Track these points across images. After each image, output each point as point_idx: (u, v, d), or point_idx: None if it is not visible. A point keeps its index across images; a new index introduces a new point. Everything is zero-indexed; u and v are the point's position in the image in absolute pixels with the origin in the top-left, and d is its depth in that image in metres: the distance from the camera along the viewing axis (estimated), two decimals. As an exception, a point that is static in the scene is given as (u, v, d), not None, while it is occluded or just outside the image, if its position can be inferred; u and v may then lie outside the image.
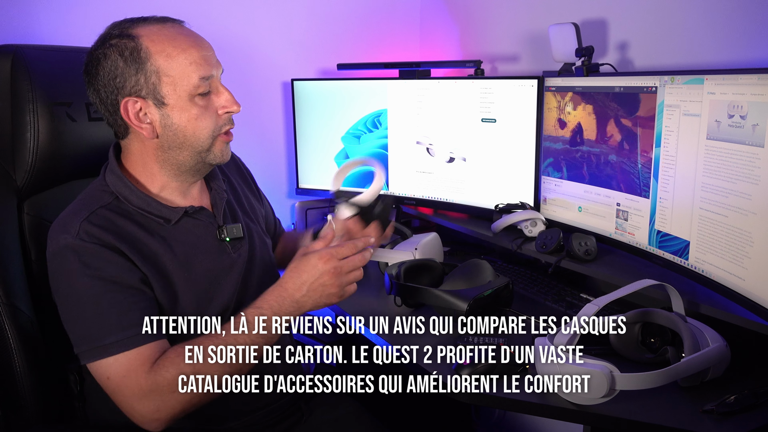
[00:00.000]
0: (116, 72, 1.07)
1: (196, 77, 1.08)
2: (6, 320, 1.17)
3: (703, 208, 1.23)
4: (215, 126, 1.12)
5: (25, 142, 1.23)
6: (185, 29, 1.11)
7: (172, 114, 1.09)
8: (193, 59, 1.08)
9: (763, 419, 1.02)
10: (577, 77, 1.56)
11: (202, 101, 1.10)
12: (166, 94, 1.08)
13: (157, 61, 1.06)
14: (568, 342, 1.08)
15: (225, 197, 1.24)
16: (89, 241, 1.05)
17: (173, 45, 1.07)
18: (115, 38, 1.07)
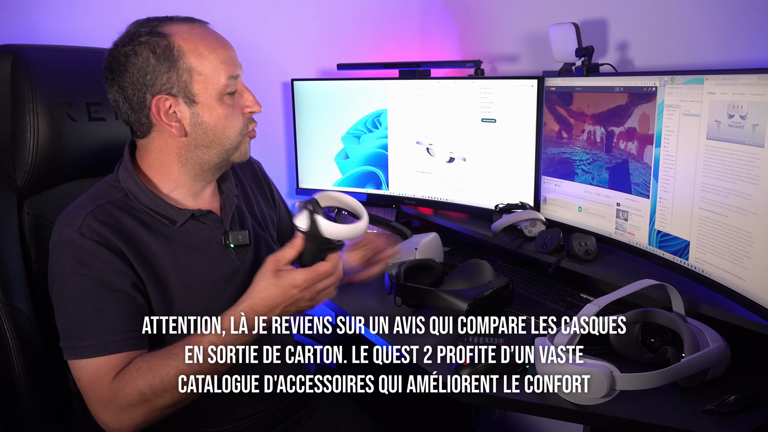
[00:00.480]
0: (147, 69, 1.06)
1: (225, 76, 1.09)
2: (5, 320, 1.17)
3: (703, 208, 1.23)
4: (243, 125, 1.13)
5: (25, 141, 1.23)
6: (211, 30, 1.13)
7: (203, 112, 1.09)
8: (223, 58, 1.09)
9: (763, 419, 1.02)
10: (577, 77, 1.56)
11: (230, 100, 1.11)
12: (197, 92, 1.08)
13: (189, 60, 1.07)
14: (568, 342, 1.08)
15: (235, 202, 1.23)
16: (89, 237, 1.05)
17: (204, 44, 1.08)
18: (145, 35, 1.07)
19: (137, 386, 1.00)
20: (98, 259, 1.04)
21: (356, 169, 2.07)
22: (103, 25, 1.75)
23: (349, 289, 1.68)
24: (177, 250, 1.13)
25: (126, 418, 1.01)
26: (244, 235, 1.20)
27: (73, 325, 1.04)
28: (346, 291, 1.67)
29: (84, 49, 1.41)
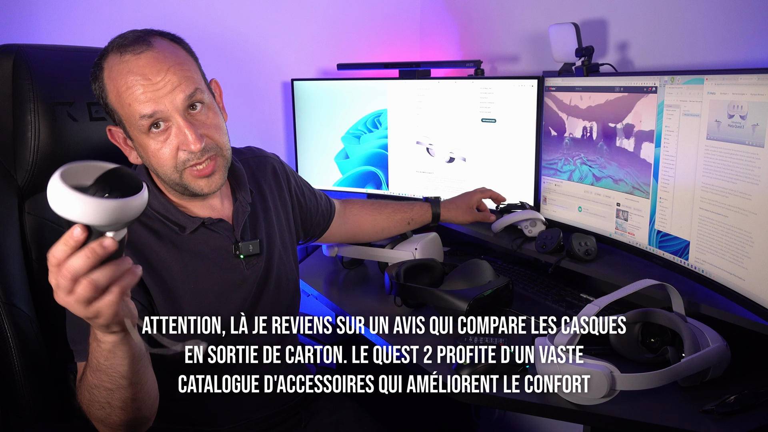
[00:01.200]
0: (99, 99, 1.10)
1: (137, 116, 1.04)
2: (5, 319, 1.18)
3: (703, 208, 1.23)
4: (175, 162, 1.07)
5: (26, 141, 1.23)
6: (141, 60, 1.03)
7: (138, 147, 1.09)
8: (134, 98, 1.03)
9: (763, 419, 1.02)
10: (577, 77, 1.56)
11: (161, 136, 1.06)
12: (128, 129, 1.08)
13: (112, 100, 1.07)
14: (568, 342, 1.08)
15: (248, 211, 1.22)
16: None
17: (120, 84, 1.04)
18: (94, 65, 1.09)
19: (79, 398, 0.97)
20: None
21: (356, 169, 2.07)
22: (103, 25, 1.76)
23: (349, 289, 1.68)
24: (186, 258, 1.13)
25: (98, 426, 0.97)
26: (255, 244, 1.20)
27: (73, 329, 1.05)
28: (346, 291, 1.68)
29: (85, 49, 1.41)
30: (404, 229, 1.64)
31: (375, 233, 1.62)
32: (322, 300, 1.61)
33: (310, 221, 1.46)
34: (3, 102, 1.23)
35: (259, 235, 1.24)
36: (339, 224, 1.56)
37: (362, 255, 1.71)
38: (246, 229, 1.22)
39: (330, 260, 1.86)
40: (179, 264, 1.12)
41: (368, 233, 1.62)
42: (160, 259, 1.10)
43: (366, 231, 1.61)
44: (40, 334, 1.24)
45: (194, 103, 1.07)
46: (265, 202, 1.30)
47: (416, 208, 1.64)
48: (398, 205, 1.65)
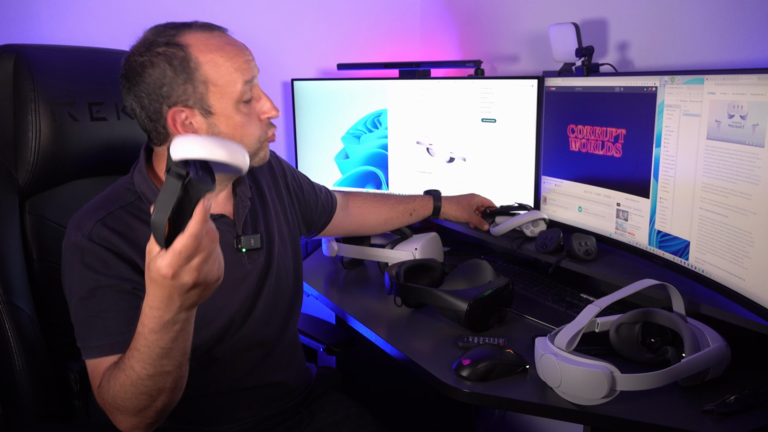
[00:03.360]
0: (164, 81, 1.05)
1: (241, 83, 1.08)
2: (6, 319, 1.18)
3: (703, 208, 1.23)
4: (261, 132, 1.13)
5: (27, 141, 1.23)
6: (229, 37, 1.12)
7: (219, 123, 1.09)
8: (237, 66, 1.08)
9: (763, 419, 1.02)
10: (577, 77, 1.57)
11: (246, 108, 1.10)
12: (213, 103, 1.07)
13: (205, 71, 1.06)
14: (569, 342, 1.08)
15: (248, 206, 1.22)
16: (98, 243, 1.05)
17: (221, 53, 1.07)
18: (163, 46, 1.06)
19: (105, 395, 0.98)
20: (105, 264, 1.04)
21: (356, 169, 2.07)
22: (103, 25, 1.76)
23: (349, 289, 1.68)
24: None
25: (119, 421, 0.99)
26: (256, 239, 1.20)
27: (81, 325, 1.05)
28: (346, 291, 1.68)
29: (86, 49, 1.41)
30: (407, 221, 1.65)
31: (379, 225, 1.63)
32: (322, 300, 1.61)
33: (310, 215, 1.46)
34: (4, 102, 1.23)
35: (259, 229, 1.24)
36: (342, 217, 1.56)
37: (362, 255, 1.71)
38: (247, 223, 1.22)
39: (330, 260, 1.86)
40: None
41: (372, 225, 1.63)
42: None
43: (370, 222, 1.62)
44: (41, 334, 1.24)
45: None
46: (263, 198, 1.30)
47: (418, 200, 1.66)
48: (400, 197, 1.68)
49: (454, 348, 1.27)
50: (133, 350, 0.92)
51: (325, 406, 1.34)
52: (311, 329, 1.60)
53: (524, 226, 1.66)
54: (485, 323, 1.34)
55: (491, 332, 1.34)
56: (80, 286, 1.04)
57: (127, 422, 0.99)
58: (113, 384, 0.96)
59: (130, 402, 0.95)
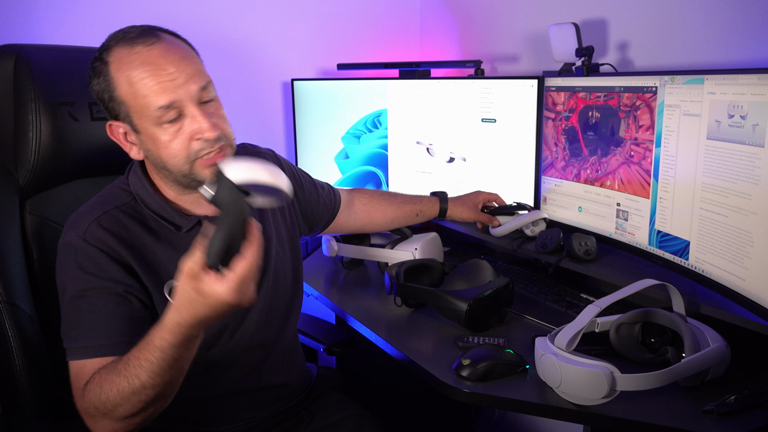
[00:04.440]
0: (99, 95, 1.07)
1: (154, 107, 1.02)
2: (6, 319, 1.18)
3: (703, 208, 1.23)
4: (188, 152, 1.06)
5: (27, 141, 1.23)
6: (154, 51, 1.04)
7: (146, 140, 1.07)
8: (149, 89, 1.02)
9: (763, 419, 1.02)
10: (577, 77, 1.56)
11: (173, 127, 1.04)
12: (136, 122, 1.06)
13: (122, 90, 1.04)
14: (569, 342, 1.08)
15: None
16: (92, 244, 1.05)
17: (134, 74, 1.03)
18: (96, 60, 1.07)
19: (91, 399, 0.96)
20: (97, 265, 1.04)
21: (356, 169, 2.07)
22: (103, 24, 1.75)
23: (349, 289, 1.68)
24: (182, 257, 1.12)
25: (95, 426, 0.98)
26: None
27: (68, 325, 1.05)
28: (346, 291, 1.68)
29: (87, 49, 1.40)
30: (413, 221, 1.64)
31: (385, 223, 1.62)
32: (322, 300, 1.61)
33: (311, 213, 1.44)
34: (4, 102, 1.23)
35: None
36: (347, 214, 1.55)
37: (362, 255, 1.71)
38: None
39: (330, 260, 1.86)
40: (176, 263, 1.10)
41: (378, 223, 1.61)
42: (157, 259, 1.10)
43: (376, 221, 1.60)
44: (41, 334, 1.24)
45: (205, 96, 1.07)
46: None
47: (425, 201, 1.64)
48: (407, 196, 1.66)
49: (454, 348, 1.27)
50: (141, 360, 0.91)
51: (325, 406, 1.34)
52: (311, 329, 1.60)
53: (525, 225, 1.66)
54: (485, 323, 1.34)
55: (491, 332, 1.34)
56: (71, 286, 1.04)
57: (108, 427, 0.97)
58: (108, 389, 0.94)
59: (123, 408, 0.94)
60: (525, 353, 1.20)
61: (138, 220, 1.11)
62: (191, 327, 0.89)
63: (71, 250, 1.05)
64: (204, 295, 0.85)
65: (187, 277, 0.86)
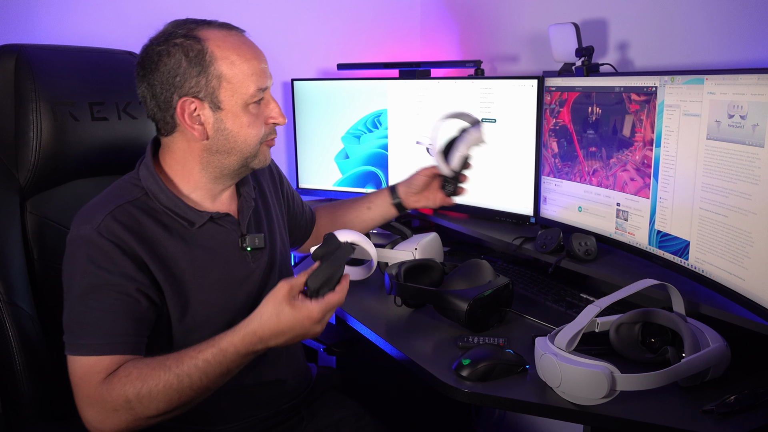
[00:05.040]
0: (178, 71, 1.07)
1: (254, 87, 1.10)
2: (7, 318, 1.18)
3: (703, 208, 1.23)
4: (263, 134, 1.15)
5: (27, 141, 1.24)
6: (247, 39, 1.15)
7: (226, 119, 1.10)
8: (253, 70, 1.10)
9: (763, 419, 1.02)
10: (577, 77, 1.57)
11: (255, 109, 1.12)
12: (223, 99, 1.09)
13: (220, 67, 1.08)
14: (569, 342, 1.08)
15: (252, 205, 1.24)
16: (106, 237, 1.05)
17: (237, 53, 1.09)
18: (181, 38, 1.08)
19: (124, 392, 0.99)
20: (110, 260, 1.05)
21: (356, 169, 2.07)
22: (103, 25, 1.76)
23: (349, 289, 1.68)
24: (194, 252, 1.13)
25: (109, 420, 1.01)
26: (261, 238, 1.21)
27: (74, 320, 1.05)
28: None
29: (87, 49, 1.41)
30: (368, 216, 1.56)
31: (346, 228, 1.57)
32: (322, 300, 1.61)
33: (295, 227, 1.48)
34: (5, 101, 1.23)
35: (263, 229, 1.26)
36: (314, 233, 1.57)
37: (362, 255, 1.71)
38: (251, 223, 1.23)
39: (330, 260, 1.86)
40: (188, 258, 1.13)
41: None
42: (169, 254, 1.11)
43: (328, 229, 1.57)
44: (42, 333, 1.24)
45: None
46: (265, 199, 1.32)
47: (374, 193, 1.58)
48: (360, 196, 1.61)
49: (454, 348, 1.27)
50: (199, 360, 1.00)
51: (325, 406, 1.34)
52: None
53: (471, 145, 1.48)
54: (485, 323, 1.34)
55: (491, 332, 1.34)
56: (81, 281, 1.05)
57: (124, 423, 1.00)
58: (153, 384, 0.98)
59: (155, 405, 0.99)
60: (525, 353, 1.20)
61: (150, 214, 1.11)
62: (264, 339, 1.01)
63: (84, 244, 1.06)
64: (296, 307, 1.01)
65: (284, 294, 1.01)
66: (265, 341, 1.02)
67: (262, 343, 1.02)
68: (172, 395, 0.99)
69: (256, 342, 1.01)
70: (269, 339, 1.02)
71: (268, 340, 1.02)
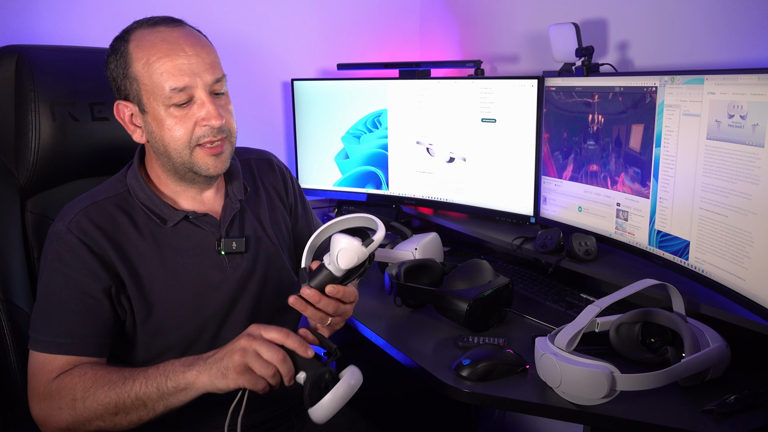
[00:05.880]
0: (114, 73, 1.08)
1: (167, 88, 1.04)
2: (2, 317, 1.19)
3: (703, 208, 1.23)
4: (190, 137, 1.07)
5: (27, 141, 1.24)
6: (176, 32, 1.07)
7: (151, 122, 1.08)
8: (165, 69, 1.04)
9: (763, 419, 1.02)
10: (577, 77, 1.56)
11: (179, 111, 1.06)
12: (145, 102, 1.07)
13: (137, 68, 1.05)
14: (569, 342, 1.08)
15: (237, 207, 1.19)
16: (75, 234, 1.05)
17: (152, 52, 1.04)
18: (117, 39, 1.08)
19: (73, 391, 0.99)
20: (77, 258, 1.05)
21: (356, 169, 2.07)
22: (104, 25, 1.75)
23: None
24: (165, 253, 1.12)
25: (52, 418, 1.01)
26: (240, 242, 1.16)
27: (38, 315, 1.06)
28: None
29: (88, 49, 1.41)
30: None
31: None
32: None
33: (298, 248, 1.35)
34: (6, 102, 1.23)
35: (247, 233, 1.20)
36: None
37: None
38: (233, 225, 1.19)
39: (330, 260, 1.85)
40: (158, 259, 1.11)
41: None
42: (139, 253, 1.10)
43: None
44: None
45: (218, 89, 1.09)
46: (260, 203, 1.26)
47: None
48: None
49: (454, 348, 1.27)
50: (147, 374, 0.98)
51: None
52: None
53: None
54: (485, 323, 1.34)
55: (491, 332, 1.34)
56: (48, 278, 1.06)
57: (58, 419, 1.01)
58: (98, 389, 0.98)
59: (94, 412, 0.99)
60: (525, 353, 1.20)
61: (126, 212, 1.11)
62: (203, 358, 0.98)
63: (55, 240, 1.06)
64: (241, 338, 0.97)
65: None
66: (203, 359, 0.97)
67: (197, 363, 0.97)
68: (115, 403, 0.98)
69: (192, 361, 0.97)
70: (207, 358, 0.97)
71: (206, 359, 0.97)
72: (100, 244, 1.06)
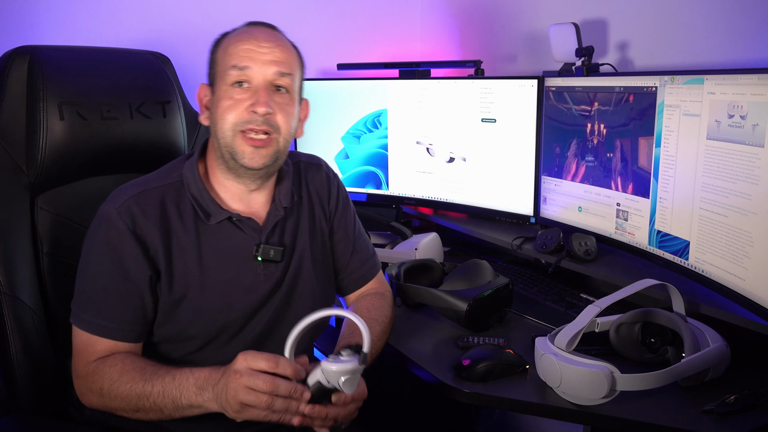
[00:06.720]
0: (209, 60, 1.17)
1: (229, 64, 1.09)
2: (6, 311, 1.19)
3: (703, 208, 1.23)
4: (237, 120, 1.08)
5: (37, 139, 1.25)
6: (261, 29, 1.16)
7: (216, 100, 1.12)
8: (235, 51, 1.10)
9: (763, 419, 1.02)
10: (577, 77, 1.57)
11: (237, 94, 1.09)
12: (216, 81, 1.12)
13: (218, 52, 1.13)
14: (569, 342, 1.08)
15: (280, 214, 1.18)
16: (123, 219, 1.07)
17: (234, 40, 1.12)
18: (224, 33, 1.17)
19: (101, 382, 1.04)
20: (122, 245, 1.06)
21: (356, 169, 2.07)
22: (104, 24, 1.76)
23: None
24: (204, 249, 1.12)
25: (86, 396, 1.07)
26: (278, 251, 1.15)
27: (82, 293, 1.09)
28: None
29: (97, 49, 1.42)
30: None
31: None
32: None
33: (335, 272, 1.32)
34: (18, 101, 1.25)
35: (286, 242, 1.18)
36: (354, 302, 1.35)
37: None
38: (274, 232, 1.17)
39: (330, 260, 1.85)
40: (196, 253, 1.11)
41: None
42: (180, 246, 1.10)
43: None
44: (43, 328, 1.24)
45: (281, 86, 1.12)
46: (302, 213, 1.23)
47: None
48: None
49: (454, 348, 1.27)
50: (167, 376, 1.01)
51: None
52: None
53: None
54: (485, 323, 1.34)
55: (491, 332, 1.34)
56: (96, 258, 1.08)
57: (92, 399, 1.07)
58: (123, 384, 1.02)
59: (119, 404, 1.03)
60: (525, 353, 1.20)
61: (175, 203, 1.12)
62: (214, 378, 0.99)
63: (104, 221, 1.08)
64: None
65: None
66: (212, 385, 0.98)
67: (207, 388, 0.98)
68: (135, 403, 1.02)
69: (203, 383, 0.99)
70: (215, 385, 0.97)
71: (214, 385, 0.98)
72: (145, 231, 1.08)
